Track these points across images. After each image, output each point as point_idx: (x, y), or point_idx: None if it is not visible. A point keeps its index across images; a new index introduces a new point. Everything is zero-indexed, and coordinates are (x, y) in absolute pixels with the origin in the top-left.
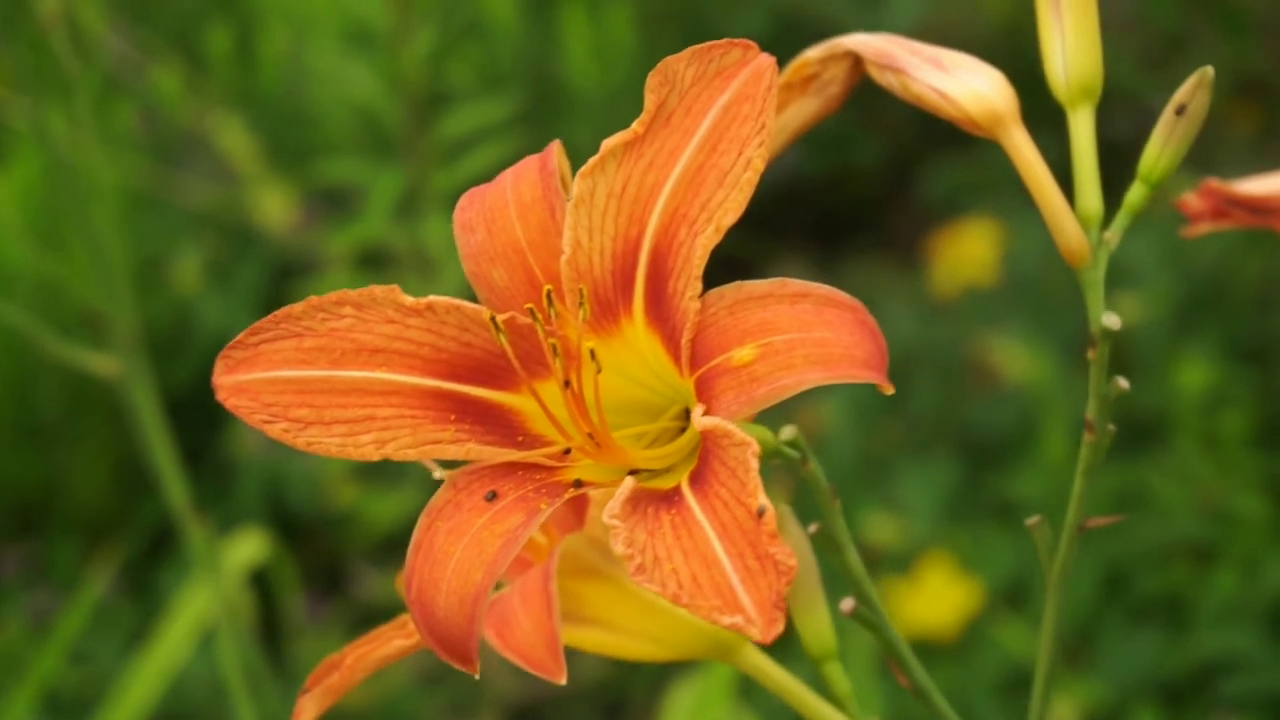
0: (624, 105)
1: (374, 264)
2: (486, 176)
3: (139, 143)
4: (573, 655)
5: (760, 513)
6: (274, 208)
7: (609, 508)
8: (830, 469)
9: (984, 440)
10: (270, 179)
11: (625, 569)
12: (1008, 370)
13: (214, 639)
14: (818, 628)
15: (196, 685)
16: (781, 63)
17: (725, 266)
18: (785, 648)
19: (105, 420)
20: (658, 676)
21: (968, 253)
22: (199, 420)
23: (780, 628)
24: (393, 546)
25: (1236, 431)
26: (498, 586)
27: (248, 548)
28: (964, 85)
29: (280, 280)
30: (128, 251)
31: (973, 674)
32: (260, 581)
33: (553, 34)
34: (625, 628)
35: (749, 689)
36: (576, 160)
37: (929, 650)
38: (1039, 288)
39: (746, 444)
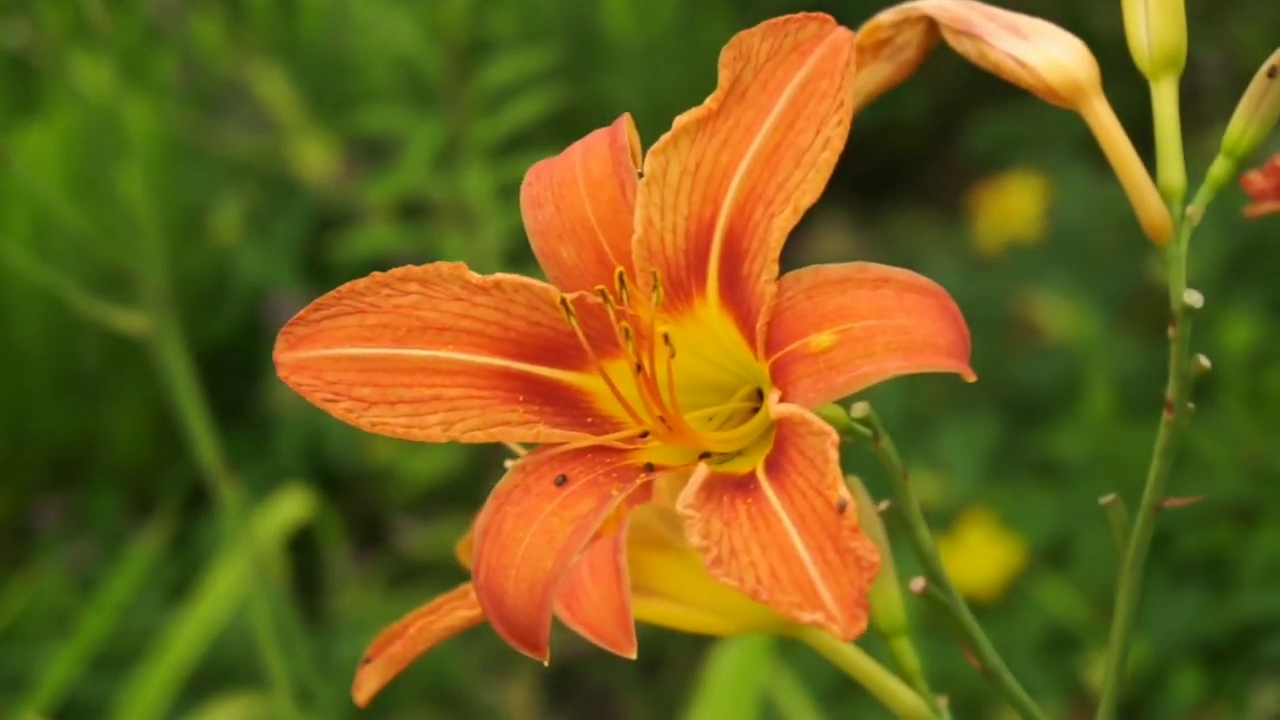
0: (663, 58)
1: (414, 215)
2: (526, 128)
3: (179, 92)
4: None
5: (841, 506)
6: (314, 158)
7: (683, 497)
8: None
9: (1026, 397)
10: (310, 129)
11: (700, 559)
12: (1051, 326)
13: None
14: (887, 602)
15: (238, 641)
16: (850, 24)
17: None
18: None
19: (145, 372)
20: (698, 636)
21: (1012, 207)
22: (238, 372)
23: (863, 625)
24: (432, 501)
25: None
26: None
27: (291, 505)
28: (1043, 54)
29: (320, 231)
30: (163, 204)
31: (1014, 633)
32: (303, 535)
33: None
34: (691, 600)
35: (787, 648)
36: (617, 114)
37: (970, 610)
38: (1083, 243)
39: (825, 433)
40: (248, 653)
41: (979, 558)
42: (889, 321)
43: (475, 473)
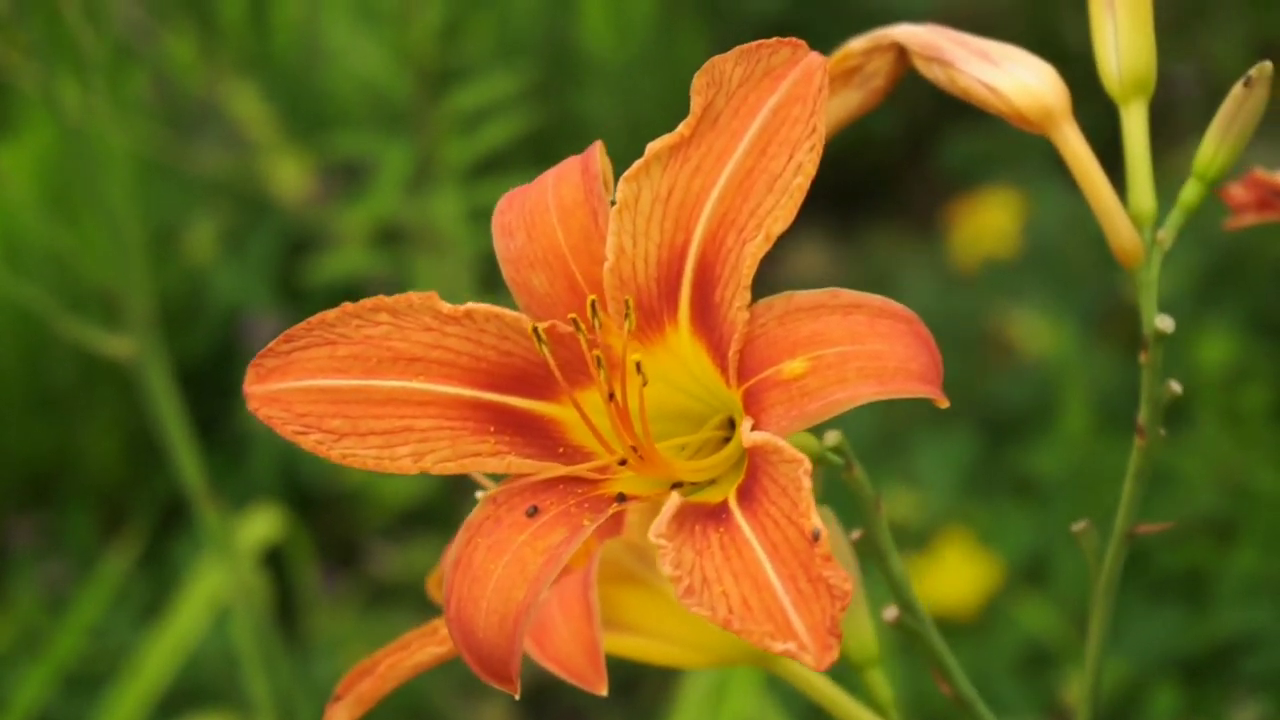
0: (641, 75)
1: (387, 239)
2: (503, 149)
3: (152, 110)
4: None
5: (815, 536)
6: (288, 177)
7: (655, 526)
8: (847, 442)
9: (1003, 414)
10: (284, 148)
11: (672, 589)
12: (1027, 343)
13: (228, 614)
14: (859, 634)
15: (210, 660)
16: (814, 44)
17: None
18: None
19: (119, 390)
20: None
21: (987, 223)
22: (211, 391)
23: (835, 654)
24: (408, 522)
25: (1258, 406)
26: None
27: (262, 525)
28: (1013, 79)
29: (295, 251)
30: (142, 226)
31: (991, 651)
32: (274, 555)
33: (570, 1)
34: (664, 634)
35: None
36: (594, 132)
37: (947, 628)
38: (1060, 259)
39: (798, 461)
40: (222, 672)
41: (956, 576)
42: (862, 347)
43: (449, 496)
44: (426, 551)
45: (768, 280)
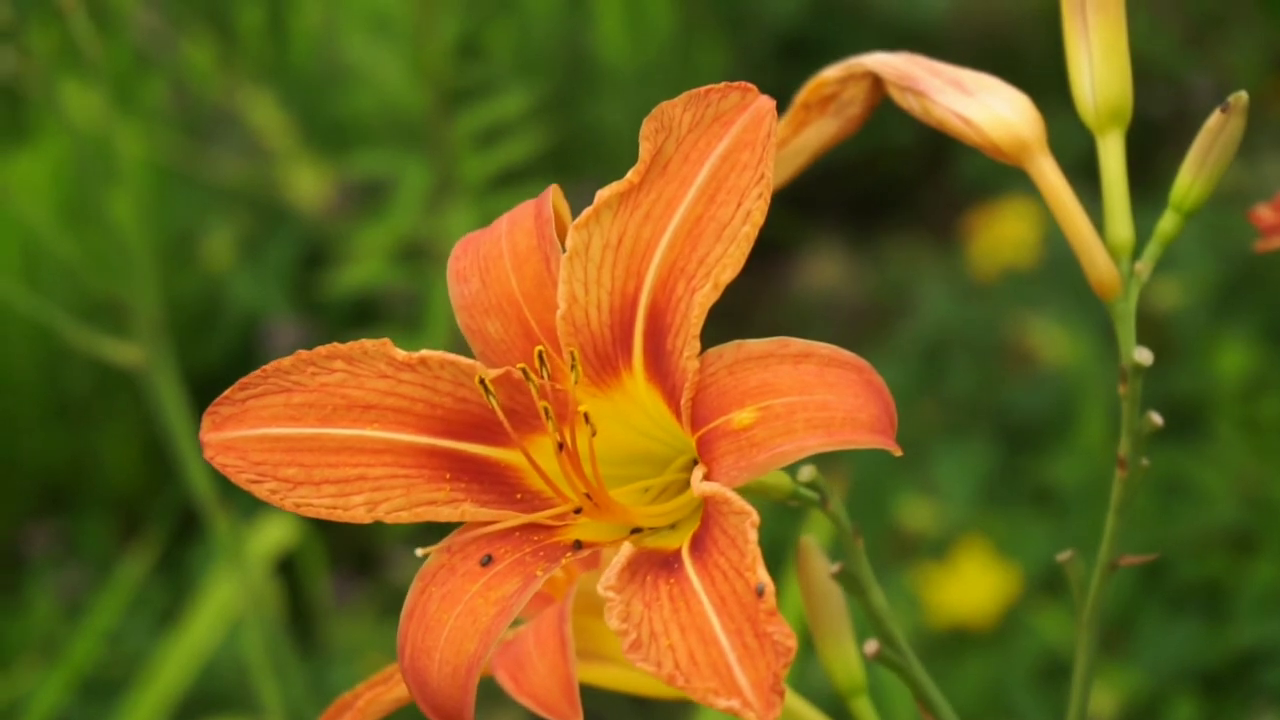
0: (659, 86)
1: (406, 254)
2: (520, 162)
3: (169, 117)
4: None
5: (760, 590)
6: (306, 184)
7: (604, 578)
8: (864, 452)
9: (1021, 423)
10: (302, 156)
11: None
12: (1045, 352)
13: (243, 621)
14: (845, 662)
15: (226, 667)
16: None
17: (763, 249)
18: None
19: (135, 398)
20: None
21: (1006, 233)
22: None
23: (778, 712)
24: (427, 530)
25: (1276, 417)
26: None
27: (276, 532)
28: (987, 110)
29: (312, 261)
30: (154, 230)
31: (1010, 662)
32: (291, 561)
33: (586, 10)
34: None
35: (798, 682)
36: (611, 144)
37: (966, 639)
38: (1078, 270)
39: (745, 513)
40: (239, 679)
41: (974, 586)
42: (810, 398)
43: None
44: None
45: (785, 291)
